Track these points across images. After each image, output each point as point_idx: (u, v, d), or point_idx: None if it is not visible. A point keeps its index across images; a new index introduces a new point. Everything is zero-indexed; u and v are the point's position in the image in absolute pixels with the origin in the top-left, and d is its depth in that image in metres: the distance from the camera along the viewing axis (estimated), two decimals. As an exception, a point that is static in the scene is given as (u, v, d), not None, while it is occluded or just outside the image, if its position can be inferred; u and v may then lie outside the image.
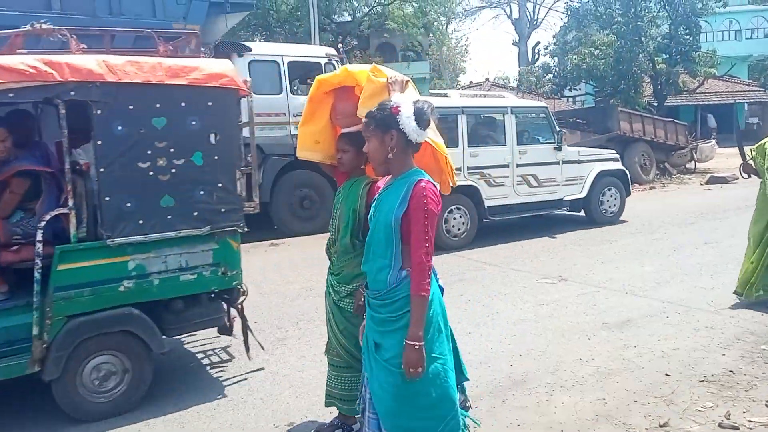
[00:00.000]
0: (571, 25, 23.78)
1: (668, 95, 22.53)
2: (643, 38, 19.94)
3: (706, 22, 26.15)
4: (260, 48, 10.46)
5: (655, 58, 20.87)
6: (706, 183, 14.67)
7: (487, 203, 8.62)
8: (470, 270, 7.09)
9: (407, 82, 2.84)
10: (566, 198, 9.39)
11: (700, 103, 27.54)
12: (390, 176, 2.50)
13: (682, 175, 16.62)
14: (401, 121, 2.34)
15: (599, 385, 3.82)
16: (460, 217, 8.41)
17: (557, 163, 9.25)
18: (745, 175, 5.50)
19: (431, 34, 28.09)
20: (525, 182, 8.95)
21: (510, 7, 42.09)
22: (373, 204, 2.54)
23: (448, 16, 32.85)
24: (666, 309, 5.25)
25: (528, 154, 8.96)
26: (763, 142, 5.32)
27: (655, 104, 22.30)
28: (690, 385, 3.73)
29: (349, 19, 26.98)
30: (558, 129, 9.39)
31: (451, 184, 2.90)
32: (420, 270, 2.30)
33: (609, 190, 9.77)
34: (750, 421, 3.21)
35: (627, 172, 10.29)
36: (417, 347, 2.28)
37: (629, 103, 20.28)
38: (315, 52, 10.71)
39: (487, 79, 35.13)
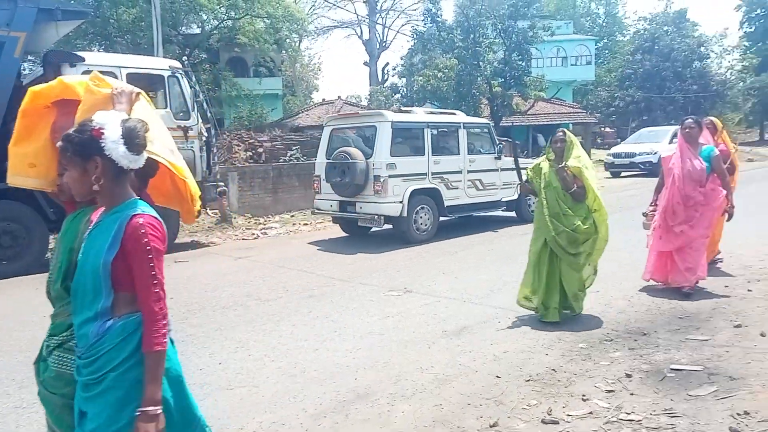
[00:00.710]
0: (417, 48, 24.97)
1: (503, 116, 24.33)
2: (481, 63, 21.42)
3: (537, 49, 28.68)
4: (95, 58, 9.81)
5: (492, 82, 22.48)
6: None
7: (446, 203, 10.18)
8: (319, 286, 7.12)
9: (138, 94, 2.48)
10: (503, 199, 11.10)
11: (532, 123, 30.02)
12: (102, 209, 2.11)
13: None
14: (106, 145, 1.96)
15: (437, 391, 4.00)
16: (425, 214, 9.92)
17: (497, 170, 10.97)
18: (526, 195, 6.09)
19: (284, 51, 28.05)
20: (473, 186, 10.65)
21: (360, 28, 43.24)
22: (82, 243, 2.11)
23: (301, 34, 33.08)
24: (498, 315, 5.62)
25: (476, 162, 10.67)
26: (538, 162, 5.60)
27: (492, 124, 23.97)
28: (517, 385, 4.02)
29: (197, 31, 26.18)
30: (498, 141, 11.16)
31: (194, 213, 2.59)
32: (152, 321, 1.97)
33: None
34: (568, 415, 3.52)
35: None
36: (152, 413, 1.95)
37: (470, 123, 21.63)
38: (157, 64, 10.25)
39: (339, 97, 35.72)
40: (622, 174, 21.65)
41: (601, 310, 5.59)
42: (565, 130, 5.46)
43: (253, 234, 11.87)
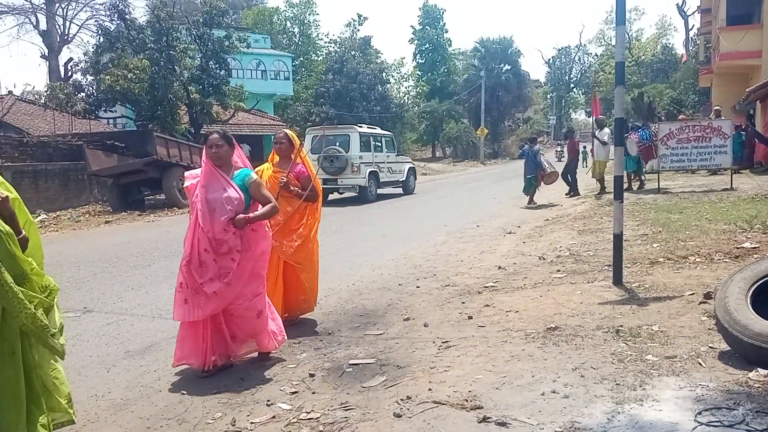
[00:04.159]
0: (104, 45, 22.91)
1: (204, 124, 23.85)
2: (177, 67, 20.61)
3: (236, 59, 28.74)
4: None
5: (190, 88, 21.82)
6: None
7: (380, 180, 18.10)
8: None
9: None
10: (399, 180, 19.28)
11: (235, 133, 29.94)
12: None
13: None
14: None
15: (113, 418, 3.62)
16: (373, 185, 17.60)
17: (397, 162, 19.50)
18: None
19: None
20: (389, 170, 18.68)
21: (36, 17, 38.05)
22: None
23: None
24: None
25: (389, 157, 18.85)
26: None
27: (193, 131, 23.31)
28: (203, 399, 3.86)
29: None
30: (396, 144, 20.49)
31: None
32: None
33: (411, 176, 20.12)
34: (252, 423, 3.49)
35: (414, 166, 21.56)
36: None
37: (167, 128, 20.64)
38: None
39: (10, 92, 30.88)
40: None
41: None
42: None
43: None
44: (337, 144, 17.10)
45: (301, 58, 50.58)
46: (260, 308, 4.34)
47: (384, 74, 45.26)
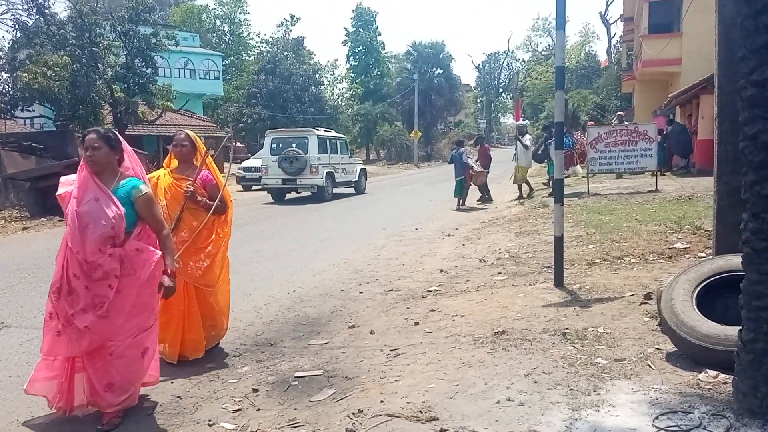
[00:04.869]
0: (21, 40, 21.57)
1: (129, 124, 22.87)
2: (100, 65, 19.66)
3: (163, 58, 27.76)
4: None
5: (114, 87, 20.88)
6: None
7: (336, 180, 18.66)
8: None
9: None
10: (352, 180, 20.04)
11: (162, 134, 28.95)
12: None
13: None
14: None
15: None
16: (330, 185, 18.11)
17: (350, 164, 20.27)
18: None
19: None
20: (343, 171, 19.32)
21: (-58, 8, 35.45)
22: None
23: None
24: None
25: (343, 158, 19.60)
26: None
27: (117, 132, 22.27)
28: (137, 421, 3.58)
29: None
30: (349, 147, 21.73)
31: None
32: None
33: (362, 176, 20.85)
34: (192, 445, 3.25)
35: (365, 168, 22.42)
36: None
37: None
38: None
39: None
40: (253, 187, 22.66)
41: (230, 325, 5.47)
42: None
43: None
44: (294, 146, 17.75)
45: (232, 58, 49.54)
46: (147, 345, 3.61)
47: (318, 76, 44.95)
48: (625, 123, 16.80)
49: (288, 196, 18.92)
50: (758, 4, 2.42)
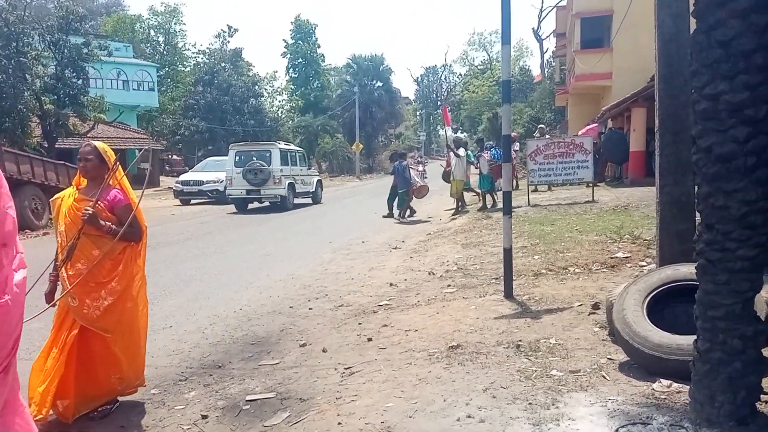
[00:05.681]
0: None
1: (60, 137, 21.91)
2: (28, 75, 18.80)
3: (95, 68, 26.79)
4: None
5: (43, 98, 20.00)
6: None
7: (296, 190, 19.75)
8: None
9: None
10: (310, 191, 20.93)
11: (94, 147, 27.80)
12: None
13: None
14: None
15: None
16: (291, 195, 19.23)
17: (309, 175, 21.29)
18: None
19: None
20: (302, 182, 20.27)
21: None
22: None
23: None
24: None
25: (302, 170, 20.53)
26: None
27: (46, 145, 21.32)
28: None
29: None
30: (308, 158, 23.71)
31: None
32: None
33: (319, 187, 22.13)
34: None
35: (322, 179, 24.44)
36: None
37: (16, 142, 18.70)
38: None
39: None
40: (192, 201, 22.09)
41: (174, 347, 5.25)
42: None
43: None
44: (255, 159, 18.67)
45: (167, 69, 48.38)
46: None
47: (257, 87, 44.39)
48: (546, 136, 18.62)
49: (250, 206, 19.61)
50: (710, 19, 2.49)
